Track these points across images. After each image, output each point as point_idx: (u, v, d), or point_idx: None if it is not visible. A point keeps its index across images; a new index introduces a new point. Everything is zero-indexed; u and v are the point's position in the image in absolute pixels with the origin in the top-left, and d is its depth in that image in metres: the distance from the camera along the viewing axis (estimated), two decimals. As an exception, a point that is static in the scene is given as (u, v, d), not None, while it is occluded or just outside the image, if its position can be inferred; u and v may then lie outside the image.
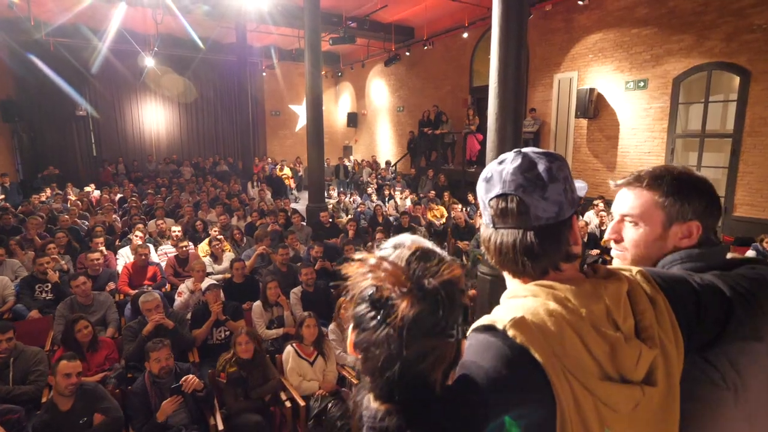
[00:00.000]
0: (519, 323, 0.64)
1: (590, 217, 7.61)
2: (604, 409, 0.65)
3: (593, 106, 8.79)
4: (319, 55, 8.40)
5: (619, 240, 1.00)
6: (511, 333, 0.63)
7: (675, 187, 0.93)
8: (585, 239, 6.39)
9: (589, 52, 8.95)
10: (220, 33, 13.33)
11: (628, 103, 8.37)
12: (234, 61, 13.85)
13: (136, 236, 5.74)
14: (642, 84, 8.11)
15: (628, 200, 0.99)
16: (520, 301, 0.69)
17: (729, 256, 0.97)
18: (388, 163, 14.03)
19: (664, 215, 0.94)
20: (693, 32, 7.31)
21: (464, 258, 6.45)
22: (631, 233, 0.98)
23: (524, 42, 4.00)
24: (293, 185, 14.10)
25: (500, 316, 0.67)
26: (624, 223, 0.99)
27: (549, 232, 0.71)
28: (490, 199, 0.74)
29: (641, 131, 8.24)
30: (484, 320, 0.68)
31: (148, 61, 11.67)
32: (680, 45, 7.51)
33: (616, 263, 1.02)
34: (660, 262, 0.94)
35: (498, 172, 0.74)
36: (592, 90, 8.73)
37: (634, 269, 0.77)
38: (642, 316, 0.71)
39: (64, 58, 12.07)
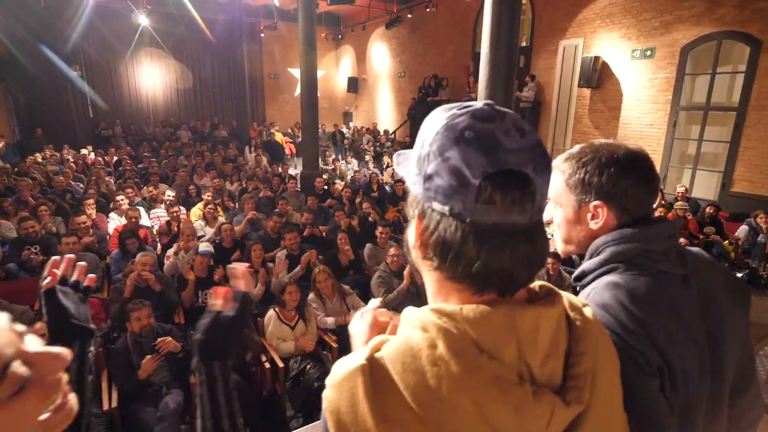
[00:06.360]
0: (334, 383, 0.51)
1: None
2: None
3: (597, 75, 8.54)
4: (313, 14, 8.12)
5: (550, 222, 0.98)
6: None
7: (578, 166, 0.90)
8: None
9: (596, 17, 8.61)
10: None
11: (633, 72, 8.12)
12: (230, 20, 13.42)
13: (121, 200, 5.74)
14: (649, 53, 7.83)
15: (551, 181, 0.98)
16: (409, 333, 0.52)
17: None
18: (386, 132, 13.82)
19: (573, 196, 0.91)
20: (705, -3, 7.00)
21: None
22: (556, 215, 0.97)
23: (519, 4, 3.83)
24: (292, 151, 13.96)
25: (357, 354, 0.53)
26: (553, 204, 0.98)
27: None
28: None
29: (644, 102, 8.03)
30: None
31: (142, 20, 11.32)
32: (691, 12, 7.19)
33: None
34: (592, 245, 0.92)
35: None
36: (597, 58, 8.45)
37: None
38: (578, 360, 0.55)
39: (55, 14, 11.68)
